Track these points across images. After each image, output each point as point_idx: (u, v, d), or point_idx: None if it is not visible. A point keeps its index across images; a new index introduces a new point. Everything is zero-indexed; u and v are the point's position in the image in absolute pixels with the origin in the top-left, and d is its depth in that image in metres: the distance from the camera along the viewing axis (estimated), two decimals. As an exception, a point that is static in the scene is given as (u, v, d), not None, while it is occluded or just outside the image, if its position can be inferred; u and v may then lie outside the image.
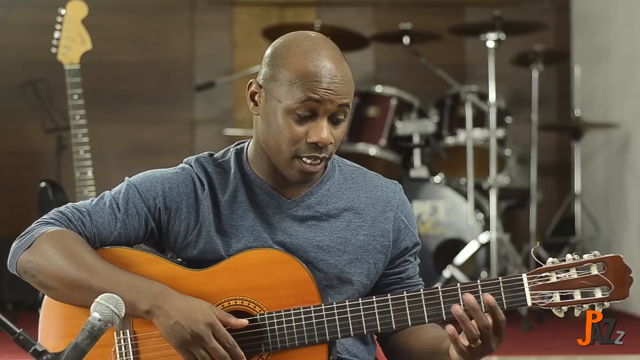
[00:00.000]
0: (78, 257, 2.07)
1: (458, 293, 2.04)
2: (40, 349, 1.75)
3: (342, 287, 2.17)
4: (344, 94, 2.06)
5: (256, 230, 2.15)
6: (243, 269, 2.10)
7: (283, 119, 2.07)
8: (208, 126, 6.86)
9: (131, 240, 2.17)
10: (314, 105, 2.05)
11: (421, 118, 5.81)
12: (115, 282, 2.04)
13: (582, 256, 2.03)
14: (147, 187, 2.17)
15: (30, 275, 2.10)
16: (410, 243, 2.24)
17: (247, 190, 2.17)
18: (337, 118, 2.08)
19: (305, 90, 2.04)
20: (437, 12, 6.88)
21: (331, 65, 2.06)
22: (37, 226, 2.13)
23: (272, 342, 2.08)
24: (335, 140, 2.09)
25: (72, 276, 2.06)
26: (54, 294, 2.10)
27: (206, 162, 2.21)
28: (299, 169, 2.09)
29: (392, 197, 2.23)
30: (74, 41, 4.14)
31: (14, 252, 2.11)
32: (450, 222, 5.59)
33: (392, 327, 2.08)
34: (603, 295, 2.02)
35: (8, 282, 5.61)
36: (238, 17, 6.93)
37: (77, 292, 2.06)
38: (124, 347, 2.10)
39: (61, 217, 2.13)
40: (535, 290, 2.03)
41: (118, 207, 2.15)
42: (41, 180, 4.31)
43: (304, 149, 2.07)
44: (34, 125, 5.88)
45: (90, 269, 2.06)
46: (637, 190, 5.90)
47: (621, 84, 6.19)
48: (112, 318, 1.82)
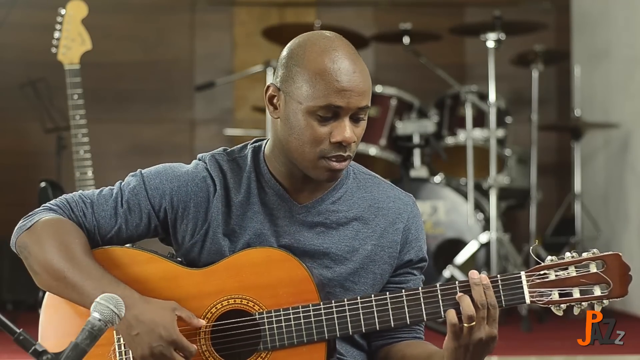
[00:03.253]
0: (67, 248, 2.08)
1: (456, 291, 2.04)
2: (40, 349, 1.75)
3: (345, 295, 2.15)
4: (363, 93, 2.06)
5: (263, 233, 2.15)
6: (242, 268, 2.10)
7: (305, 120, 2.06)
8: (208, 126, 6.86)
9: (133, 236, 2.17)
10: (335, 106, 2.04)
11: (421, 118, 5.81)
12: (87, 277, 2.06)
13: (581, 254, 2.03)
14: (155, 184, 2.16)
15: (23, 257, 2.13)
16: (415, 256, 2.22)
17: (260, 189, 2.17)
18: (357, 117, 2.08)
19: (326, 90, 2.04)
20: (437, 12, 6.88)
21: (348, 63, 2.06)
22: (40, 210, 2.15)
23: (271, 340, 2.08)
24: (358, 138, 2.09)
25: (53, 265, 2.08)
26: (37, 280, 2.13)
27: (221, 158, 2.20)
28: (326, 167, 2.08)
29: (404, 209, 2.23)
30: (74, 41, 4.14)
31: (16, 230, 2.15)
32: (450, 222, 5.59)
33: (390, 325, 2.07)
34: (602, 293, 2.02)
35: (8, 282, 5.60)
36: (238, 17, 6.93)
37: (54, 281, 2.08)
38: (124, 346, 2.10)
39: (64, 206, 2.15)
40: (533, 288, 2.03)
41: (122, 202, 2.15)
42: (41, 180, 4.31)
43: (329, 149, 2.06)
44: (34, 125, 5.88)
45: (71, 261, 2.07)
46: (637, 190, 5.90)
47: (621, 84, 6.19)
48: (112, 318, 1.82)
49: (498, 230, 5.37)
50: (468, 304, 1.99)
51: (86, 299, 2.03)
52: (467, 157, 5.50)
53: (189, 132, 6.87)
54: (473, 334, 2.00)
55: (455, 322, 1.99)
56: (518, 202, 6.14)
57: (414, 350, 2.18)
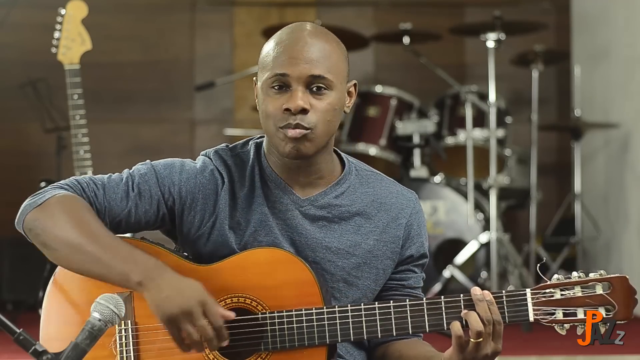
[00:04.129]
0: (83, 222, 2.05)
1: (461, 304, 2.04)
2: (40, 349, 1.75)
3: (349, 290, 2.16)
4: (312, 62, 2.07)
5: (268, 225, 2.15)
6: (247, 267, 2.10)
7: (263, 95, 2.11)
8: (208, 126, 6.86)
9: (141, 222, 2.16)
10: (283, 74, 2.07)
11: (421, 118, 5.81)
12: (115, 249, 2.03)
13: (587, 274, 2.03)
14: (165, 173, 2.16)
15: (35, 234, 2.08)
16: (415, 252, 2.23)
17: (263, 183, 2.18)
18: (316, 86, 2.08)
19: (274, 62, 2.09)
20: (437, 12, 6.88)
21: (303, 37, 2.10)
22: (50, 189, 2.12)
23: (272, 341, 2.08)
24: (319, 111, 2.09)
25: (73, 239, 2.04)
26: (54, 255, 2.08)
27: (225, 154, 2.22)
28: (284, 139, 2.09)
29: (407, 204, 2.23)
30: (74, 41, 4.14)
31: (23, 209, 2.11)
32: (450, 222, 5.59)
33: (392, 334, 2.07)
34: (607, 315, 2.01)
35: (8, 282, 5.60)
36: (238, 17, 6.93)
37: (77, 255, 2.04)
38: (125, 337, 2.10)
39: (75, 185, 2.13)
40: (538, 306, 2.03)
41: (132, 187, 2.14)
42: (41, 180, 4.31)
43: (280, 118, 2.08)
44: (34, 125, 5.88)
45: (93, 235, 2.04)
46: (637, 190, 5.90)
47: (621, 84, 6.19)
48: (112, 318, 1.82)
49: (498, 230, 5.37)
50: (476, 319, 1.99)
51: (113, 270, 2.01)
52: (467, 157, 5.50)
53: (189, 132, 6.87)
54: (479, 349, 2.00)
55: (461, 335, 1.99)
56: (518, 202, 6.14)
57: (412, 350, 2.18)
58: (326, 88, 2.09)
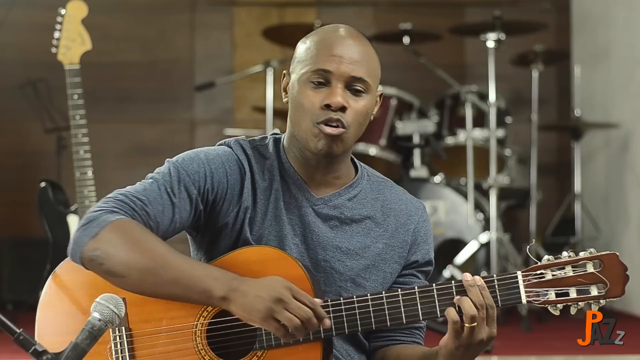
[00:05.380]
0: (148, 246, 2.02)
1: (452, 291, 2.04)
2: (40, 349, 1.75)
3: (355, 290, 2.17)
4: (356, 62, 2.11)
5: (282, 220, 2.16)
6: (237, 266, 2.09)
7: (300, 89, 2.12)
8: (208, 126, 6.86)
9: (184, 225, 2.14)
10: (326, 70, 2.09)
11: (421, 118, 5.81)
12: (189, 269, 2.01)
13: (577, 253, 2.03)
14: (194, 168, 2.14)
15: (97, 264, 2.03)
16: (421, 258, 2.24)
17: (281, 178, 2.19)
18: (354, 88, 2.11)
19: (317, 56, 2.10)
20: (437, 12, 6.88)
21: (346, 35, 2.14)
22: (100, 214, 2.05)
23: (267, 339, 2.08)
24: (355, 112, 2.11)
25: (144, 265, 2.00)
26: (123, 282, 2.03)
27: (245, 144, 2.21)
28: (320, 134, 2.09)
29: (415, 212, 2.25)
30: (74, 41, 4.14)
31: (77, 240, 2.04)
32: (450, 222, 5.60)
33: (386, 325, 2.07)
34: (599, 293, 2.01)
35: (8, 282, 5.59)
36: (238, 17, 6.93)
37: (150, 278, 2.01)
38: (120, 344, 2.10)
39: (124, 206, 2.07)
40: (530, 288, 2.03)
41: (173, 192, 2.11)
42: (41, 180, 4.32)
43: (320, 113, 2.09)
44: (34, 125, 5.88)
45: (162, 258, 2.01)
46: (637, 190, 5.90)
47: (621, 84, 6.19)
48: (112, 318, 1.82)
49: (498, 230, 5.37)
50: (469, 304, 1.99)
51: (193, 290, 1.99)
52: (467, 157, 5.50)
53: (189, 132, 6.87)
54: (474, 334, 2.00)
55: (457, 320, 1.99)
56: (518, 202, 6.14)
57: (408, 350, 2.19)
58: (364, 91, 2.12)
